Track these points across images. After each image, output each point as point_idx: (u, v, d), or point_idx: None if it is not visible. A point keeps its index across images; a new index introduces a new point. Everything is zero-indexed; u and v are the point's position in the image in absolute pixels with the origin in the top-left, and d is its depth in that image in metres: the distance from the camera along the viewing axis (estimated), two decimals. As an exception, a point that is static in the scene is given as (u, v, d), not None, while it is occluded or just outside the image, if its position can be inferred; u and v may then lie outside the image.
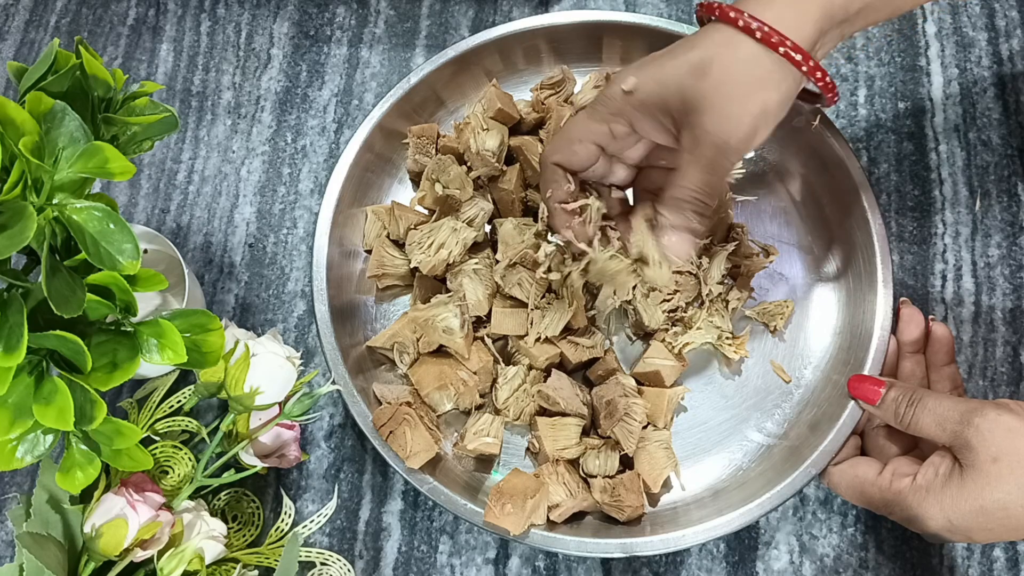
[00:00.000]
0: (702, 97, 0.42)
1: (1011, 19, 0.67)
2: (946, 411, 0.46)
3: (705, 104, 0.42)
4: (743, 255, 0.58)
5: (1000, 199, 0.62)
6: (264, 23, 0.69)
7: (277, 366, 0.49)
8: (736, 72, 0.42)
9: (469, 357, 0.54)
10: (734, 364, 0.57)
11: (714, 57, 0.42)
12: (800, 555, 0.54)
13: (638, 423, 0.52)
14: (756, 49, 0.42)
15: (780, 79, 0.42)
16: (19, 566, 0.44)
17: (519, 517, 0.49)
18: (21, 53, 0.68)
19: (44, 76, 0.38)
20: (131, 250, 0.36)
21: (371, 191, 0.60)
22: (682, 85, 0.42)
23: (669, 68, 0.43)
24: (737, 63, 0.42)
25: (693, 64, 0.42)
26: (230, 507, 0.54)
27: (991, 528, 0.44)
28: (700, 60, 0.42)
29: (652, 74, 0.43)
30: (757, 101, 0.42)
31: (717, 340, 0.56)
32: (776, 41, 0.41)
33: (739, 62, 0.42)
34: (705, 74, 0.42)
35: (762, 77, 0.42)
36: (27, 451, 0.38)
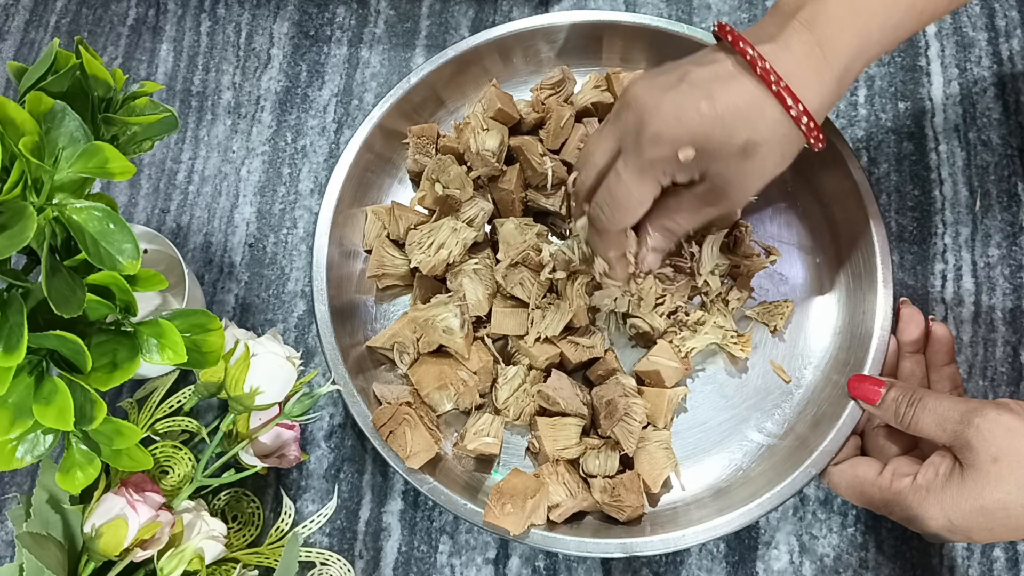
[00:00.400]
0: (741, 174, 0.45)
1: (1011, 19, 0.67)
2: (946, 411, 0.46)
3: (739, 180, 0.45)
4: (743, 255, 0.58)
5: (1000, 199, 0.62)
6: (264, 23, 0.69)
7: (277, 366, 0.49)
8: (773, 156, 0.45)
9: (469, 357, 0.54)
10: (740, 362, 0.57)
11: (761, 143, 0.43)
12: (800, 555, 0.54)
13: (638, 423, 0.52)
14: (793, 132, 0.43)
15: (796, 149, 0.45)
16: (19, 566, 0.44)
17: (519, 517, 0.49)
18: (21, 53, 0.68)
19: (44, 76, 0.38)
20: (131, 250, 0.36)
21: (371, 191, 0.60)
22: (728, 163, 0.44)
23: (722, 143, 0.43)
24: (777, 147, 0.44)
25: (742, 145, 0.43)
26: (230, 507, 0.54)
27: (991, 528, 0.44)
28: (749, 141, 0.43)
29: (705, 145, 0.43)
30: (774, 174, 0.46)
31: (722, 340, 0.56)
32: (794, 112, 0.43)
33: (779, 147, 0.44)
34: (751, 156, 0.44)
35: (788, 155, 0.45)
36: (27, 451, 0.38)
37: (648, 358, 0.55)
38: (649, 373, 0.55)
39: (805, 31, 0.43)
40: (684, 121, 0.43)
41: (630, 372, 0.56)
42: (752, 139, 0.43)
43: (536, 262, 0.54)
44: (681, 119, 0.43)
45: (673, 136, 0.43)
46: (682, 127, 0.43)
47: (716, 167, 0.44)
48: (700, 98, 0.43)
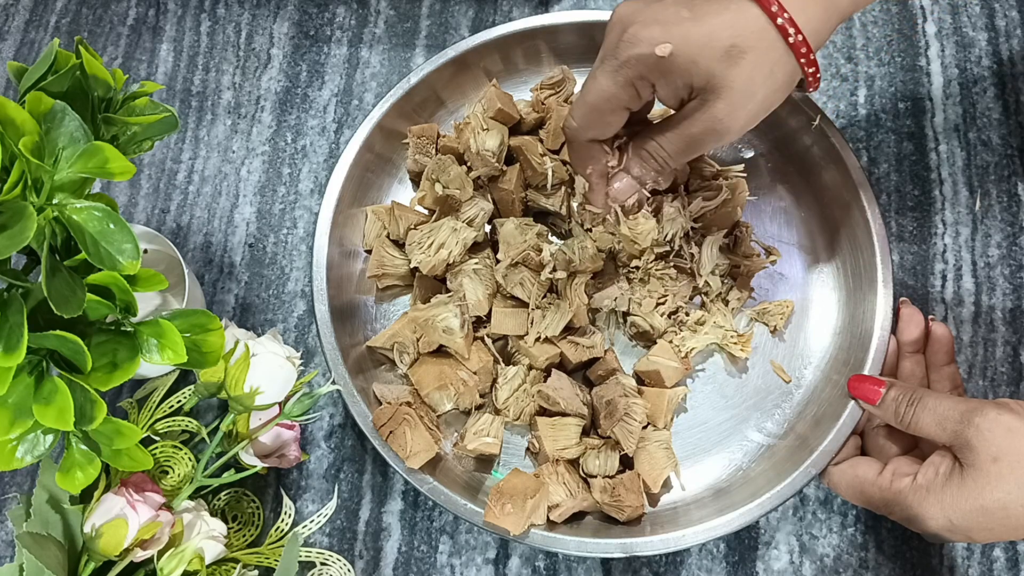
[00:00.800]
0: (726, 84, 0.42)
1: (1011, 19, 0.67)
2: (946, 411, 0.46)
3: (726, 91, 0.42)
4: (743, 255, 0.58)
5: (1000, 199, 0.62)
6: (264, 23, 0.69)
7: (277, 366, 0.49)
8: (761, 69, 0.42)
9: (469, 357, 0.54)
10: (740, 362, 0.57)
11: (747, 48, 0.41)
12: (800, 555, 0.54)
13: (638, 423, 0.52)
14: (782, 48, 0.41)
15: (790, 80, 0.43)
16: (19, 566, 0.44)
17: (519, 517, 0.49)
18: (21, 53, 0.68)
19: (44, 76, 0.38)
20: (131, 250, 0.36)
21: (371, 191, 0.60)
22: (712, 68, 0.41)
23: (703, 44, 0.41)
24: (765, 60, 0.42)
25: (727, 47, 0.41)
26: (230, 507, 0.54)
27: (991, 528, 0.44)
28: (734, 46, 0.41)
29: (685, 44, 0.41)
30: (769, 98, 0.43)
31: (722, 340, 0.56)
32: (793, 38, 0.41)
33: (767, 60, 0.42)
34: (736, 62, 0.41)
35: (779, 79, 0.43)
36: (27, 451, 0.38)
37: (648, 358, 0.55)
38: (649, 373, 0.55)
39: None
40: (663, 21, 0.42)
41: (630, 372, 0.56)
42: (737, 43, 0.41)
43: (536, 262, 0.54)
44: (660, 20, 0.42)
45: (650, 35, 0.42)
46: (661, 27, 0.41)
47: (700, 73, 0.42)
48: (683, 5, 0.42)
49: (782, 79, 0.43)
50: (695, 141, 0.45)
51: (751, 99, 0.43)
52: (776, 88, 0.43)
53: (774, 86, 0.43)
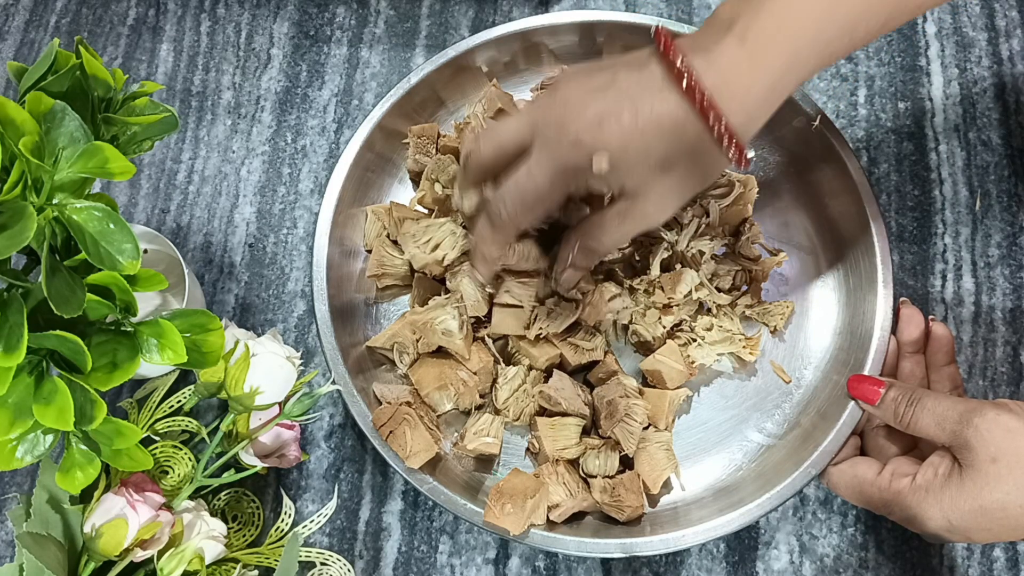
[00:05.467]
0: (656, 190, 0.44)
1: (1011, 19, 0.67)
2: (945, 411, 0.46)
3: (655, 196, 0.45)
4: (745, 255, 0.58)
5: (1000, 199, 0.62)
6: (264, 23, 0.69)
7: (277, 366, 0.49)
8: (691, 173, 0.44)
9: (469, 357, 0.54)
10: (748, 366, 0.57)
11: (680, 157, 0.43)
12: (800, 555, 0.54)
13: (639, 424, 0.52)
14: (714, 150, 0.42)
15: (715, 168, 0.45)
16: (19, 566, 0.44)
17: (519, 517, 0.49)
18: (21, 53, 0.68)
19: (44, 76, 0.38)
20: (131, 250, 0.36)
21: (371, 191, 0.60)
22: (646, 178, 0.44)
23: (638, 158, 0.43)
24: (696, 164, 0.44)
25: (661, 159, 0.43)
26: (230, 507, 0.54)
27: (990, 528, 0.44)
28: (666, 159, 0.43)
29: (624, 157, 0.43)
30: (692, 191, 0.46)
31: (731, 345, 0.56)
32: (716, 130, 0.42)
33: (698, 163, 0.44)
34: (668, 172, 0.44)
35: (712, 172, 0.45)
36: (27, 451, 0.38)
37: (655, 356, 0.54)
38: (653, 373, 0.55)
39: (737, 45, 0.42)
40: (604, 129, 0.42)
41: (633, 372, 0.56)
42: (669, 155, 0.43)
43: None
44: (602, 127, 0.42)
45: (591, 143, 0.42)
46: (601, 135, 0.42)
47: (632, 181, 0.44)
48: (624, 108, 0.42)
49: (712, 172, 0.45)
50: (628, 234, 0.47)
51: (679, 197, 0.46)
52: (707, 179, 0.46)
53: (704, 181, 0.46)
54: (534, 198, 0.45)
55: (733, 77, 0.41)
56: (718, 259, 0.58)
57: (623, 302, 0.55)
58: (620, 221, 0.46)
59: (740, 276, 0.58)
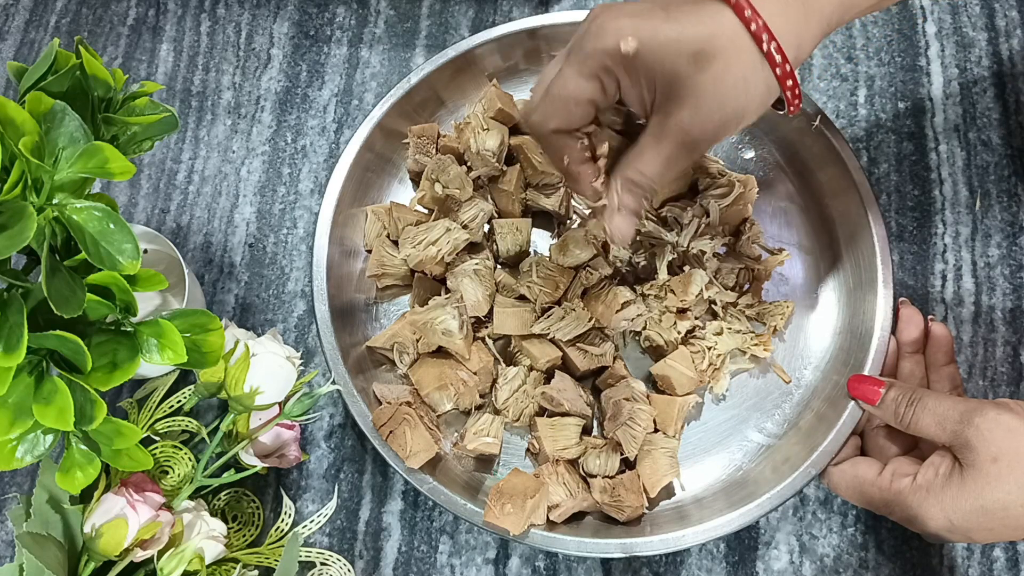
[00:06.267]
0: (692, 89, 0.40)
1: (1011, 19, 0.67)
2: (946, 411, 0.46)
3: (691, 98, 0.40)
4: (747, 255, 0.58)
5: (1000, 199, 0.62)
6: (264, 23, 0.69)
7: (277, 366, 0.49)
8: (733, 76, 0.40)
9: (469, 357, 0.54)
10: (763, 363, 0.57)
11: (718, 52, 0.39)
12: (800, 555, 0.54)
13: (642, 428, 0.52)
14: (756, 57, 0.40)
15: (766, 93, 0.41)
16: (19, 566, 0.44)
17: (519, 517, 0.49)
18: (21, 53, 0.68)
19: (44, 76, 0.38)
20: (131, 250, 0.36)
21: (371, 191, 0.60)
22: (678, 70, 0.40)
23: (669, 44, 0.39)
24: (736, 67, 0.40)
25: (696, 51, 0.39)
26: (230, 507, 0.54)
27: (991, 528, 0.44)
28: (703, 49, 0.39)
29: (651, 42, 0.40)
30: (739, 110, 0.41)
31: (743, 344, 0.56)
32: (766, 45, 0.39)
33: (737, 67, 0.40)
34: (703, 67, 0.39)
35: (752, 88, 0.41)
36: (27, 451, 0.38)
37: (666, 362, 0.54)
38: (662, 377, 0.54)
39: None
40: (633, 15, 0.40)
41: (642, 377, 0.56)
42: (705, 47, 0.39)
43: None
44: (630, 14, 0.40)
45: (618, 27, 0.40)
46: (629, 20, 0.40)
47: (664, 73, 0.40)
48: (658, 5, 0.40)
49: (755, 90, 0.41)
50: (669, 158, 0.43)
51: (719, 108, 0.41)
52: (749, 99, 0.41)
53: (746, 97, 0.41)
54: (559, 89, 0.43)
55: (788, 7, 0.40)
56: (720, 257, 0.58)
57: (637, 309, 0.55)
58: (657, 140, 0.42)
59: (743, 275, 0.57)
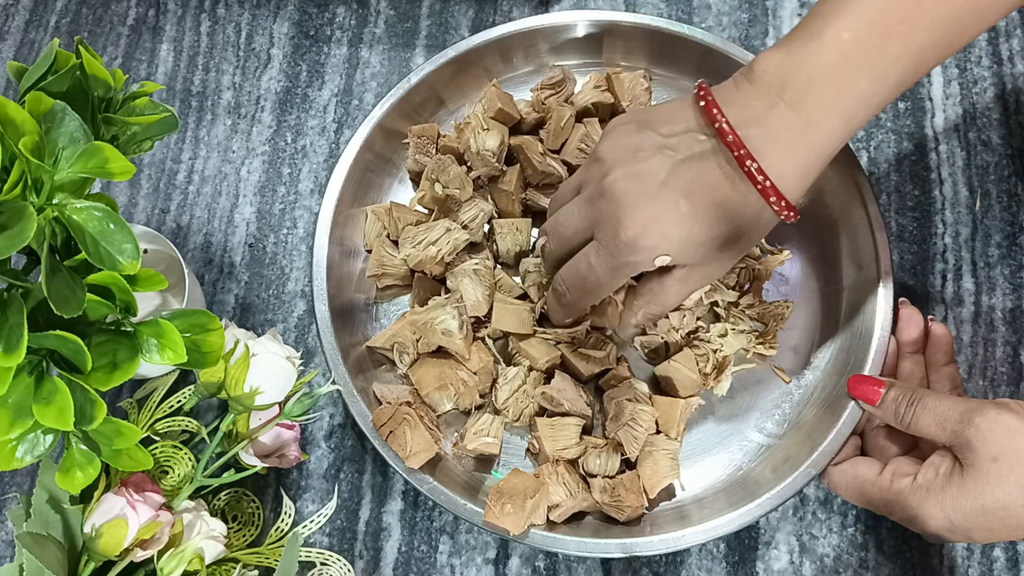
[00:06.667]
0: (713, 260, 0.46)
1: (1011, 19, 0.67)
2: (946, 411, 0.46)
3: (713, 263, 0.47)
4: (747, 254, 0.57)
5: (1000, 199, 0.62)
6: (264, 23, 0.69)
7: (277, 366, 0.49)
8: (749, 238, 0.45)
9: (469, 357, 0.54)
10: (764, 363, 0.57)
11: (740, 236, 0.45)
12: (800, 555, 0.54)
13: (643, 429, 0.52)
14: (770, 215, 0.44)
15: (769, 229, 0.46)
16: (19, 566, 0.44)
17: (519, 517, 0.49)
18: (21, 53, 0.68)
19: (44, 76, 0.38)
20: (131, 250, 0.36)
21: (371, 191, 0.60)
22: (708, 254, 0.45)
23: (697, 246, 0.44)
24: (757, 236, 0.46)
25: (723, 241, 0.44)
26: (230, 507, 0.54)
27: (991, 528, 0.44)
28: (730, 237, 0.44)
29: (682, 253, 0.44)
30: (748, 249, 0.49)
31: (749, 344, 0.56)
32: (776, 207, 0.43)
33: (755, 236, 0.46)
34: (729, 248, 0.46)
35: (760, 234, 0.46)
36: (27, 451, 0.38)
37: (669, 363, 0.54)
38: (665, 379, 0.54)
39: (791, 113, 0.41)
40: (662, 226, 0.43)
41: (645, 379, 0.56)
42: (729, 235, 0.44)
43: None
44: (659, 224, 0.43)
45: (650, 245, 0.43)
46: (660, 234, 0.43)
47: (695, 261, 0.45)
48: (680, 197, 0.42)
49: (766, 232, 0.46)
50: (688, 294, 0.48)
51: (738, 257, 0.47)
52: (760, 239, 0.47)
53: (758, 239, 0.47)
54: (594, 287, 0.47)
55: (792, 152, 0.42)
56: None
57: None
58: (682, 286, 0.47)
59: (744, 274, 0.57)
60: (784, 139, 0.41)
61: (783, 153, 0.41)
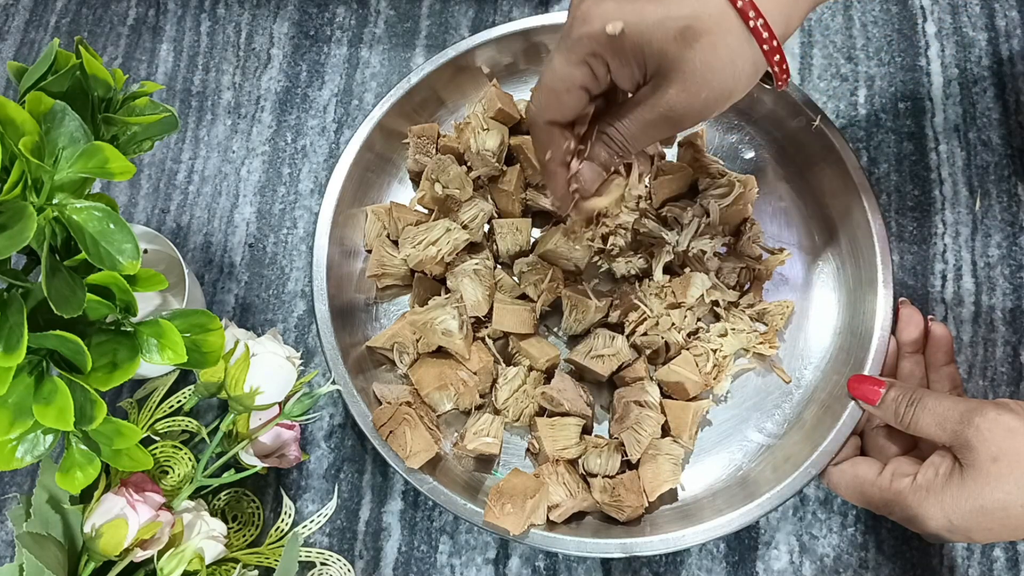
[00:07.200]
0: (680, 67, 0.40)
1: (1011, 19, 0.67)
2: (946, 411, 0.46)
3: (678, 75, 0.40)
4: (747, 254, 0.57)
5: (1000, 199, 0.62)
6: (264, 23, 0.69)
7: (277, 366, 0.49)
8: (720, 54, 0.39)
9: (469, 357, 0.54)
10: (764, 363, 0.57)
11: (703, 31, 0.39)
12: (800, 555, 0.54)
13: (647, 434, 0.52)
14: (743, 34, 0.39)
15: (754, 70, 0.41)
16: (19, 566, 0.44)
17: (519, 517, 0.49)
18: (21, 53, 0.68)
19: (44, 76, 0.38)
20: (131, 250, 0.36)
21: (371, 191, 0.60)
22: (665, 49, 0.39)
23: (656, 24, 0.39)
24: (722, 44, 0.39)
25: (681, 28, 0.39)
26: (230, 507, 0.54)
27: (991, 528, 0.44)
28: (689, 27, 0.39)
29: (638, 23, 0.39)
30: (727, 88, 0.41)
31: (749, 344, 0.56)
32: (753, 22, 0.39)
33: (724, 45, 0.39)
34: (690, 45, 0.39)
35: (740, 65, 0.40)
36: (27, 451, 0.38)
37: (670, 367, 0.54)
38: (670, 384, 0.54)
39: None
40: (620, 4, 0.39)
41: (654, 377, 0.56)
42: (692, 24, 0.39)
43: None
44: (619, 2, 0.39)
45: (602, 11, 0.39)
46: (614, 3, 0.39)
47: (652, 53, 0.40)
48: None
49: (743, 67, 0.40)
50: (651, 125, 0.43)
51: (706, 85, 0.40)
52: (736, 77, 0.41)
53: (734, 74, 0.40)
54: (551, 79, 0.43)
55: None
56: (721, 257, 0.58)
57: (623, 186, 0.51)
58: (643, 107, 0.42)
59: (744, 274, 0.57)
60: None
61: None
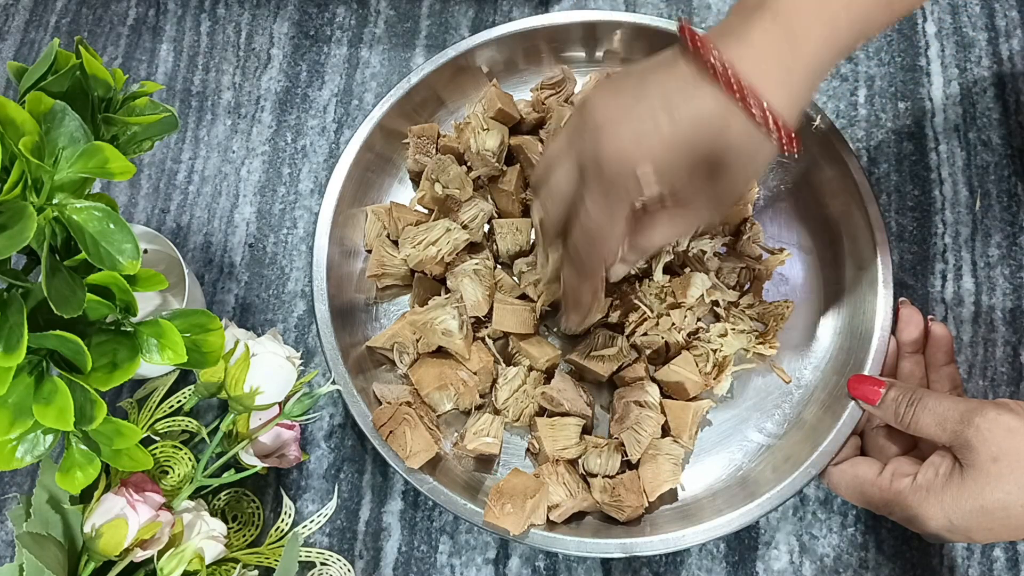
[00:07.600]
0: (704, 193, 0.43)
1: (1011, 19, 0.67)
2: (946, 411, 0.46)
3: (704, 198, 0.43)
4: (747, 254, 0.57)
5: (1000, 199, 0.62)
6: (264, 23, 0.69)
7: (277, 366, 0.49)
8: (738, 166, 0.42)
9: (469, 357, 0.54)
10: (764, 363, 0.57)
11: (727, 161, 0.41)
12: (800, 555, 0.54)
13: (647, 435, 0.52)
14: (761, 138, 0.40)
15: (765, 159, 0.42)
16: (19, 566, 0.44)
17: (519, 517, 0.49)
18: (21, 53, 0.68)
19: (44, 76, 0.38)
20: (131, 250, 0.36)
21: (371, 191, 0.60)
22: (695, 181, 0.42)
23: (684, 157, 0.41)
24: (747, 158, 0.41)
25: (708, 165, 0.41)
26: (230, 507, 0.54)
27: (991, 528, 0.44)
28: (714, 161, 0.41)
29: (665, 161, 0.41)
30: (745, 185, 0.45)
31: (749, 344, 0.56)
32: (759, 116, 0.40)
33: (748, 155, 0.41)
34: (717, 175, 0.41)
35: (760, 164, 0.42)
36: (27, 451, 0.38)
37: (670, 367, 0.54)
38: (670, 384, 0.54)
39: (770, 21, 0.39)
40: (643, 141, 0.40)
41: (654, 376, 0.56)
42: (717, 156, 0.41)
43: None
44: (640, 139, 0.40)
45: (632, 158, 0.41)
46: (641, 148, 0.40)
47: (682, 186, 0.42)
48: (659, 112, 0.40)
49: (762, 164, 0.42)
50: (680, 234, 0.46)
51: (732, 194, 0.44)
52: (757, 173, 0.44)
53: (756, 174, 0.44)
54: (598, 231, 0.44)
55: (771, 57, 0.39)
56: (721, 257, 0.58)
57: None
58: (673, 223, 0.45)
59: (744, 274, 0.58)
60: (763, 47, 0.39)
61: (764, 62, 0.39)
